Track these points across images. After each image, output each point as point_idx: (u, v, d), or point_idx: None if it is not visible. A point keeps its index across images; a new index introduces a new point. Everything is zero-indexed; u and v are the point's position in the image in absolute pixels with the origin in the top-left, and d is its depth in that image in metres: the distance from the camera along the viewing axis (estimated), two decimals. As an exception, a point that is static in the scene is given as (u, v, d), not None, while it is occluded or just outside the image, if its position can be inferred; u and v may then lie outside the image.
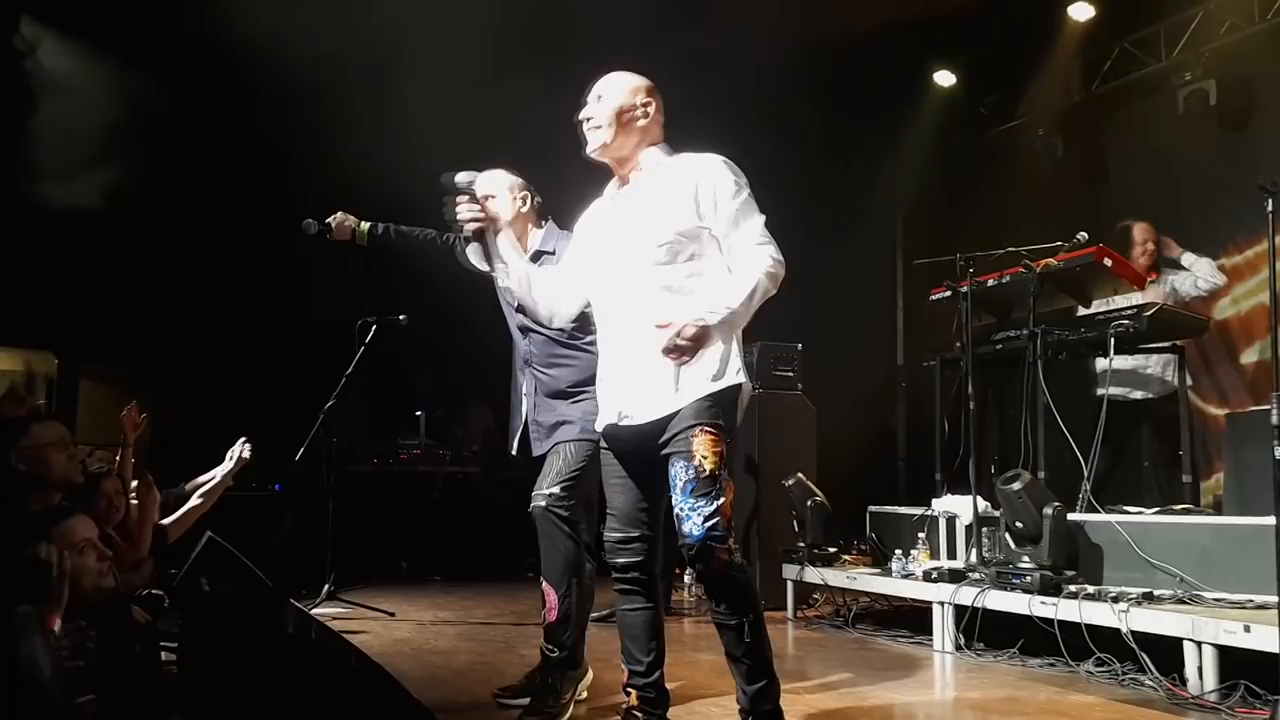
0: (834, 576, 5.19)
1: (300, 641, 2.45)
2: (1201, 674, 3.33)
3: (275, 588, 2.68)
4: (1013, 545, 4.22)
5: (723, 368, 2.62)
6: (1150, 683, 3.50)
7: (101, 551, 2.65)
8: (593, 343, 3.44)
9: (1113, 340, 4.56)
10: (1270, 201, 3.00)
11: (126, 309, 6.91)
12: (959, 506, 4.81)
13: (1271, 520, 2.94)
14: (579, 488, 3.39)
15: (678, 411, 2.59)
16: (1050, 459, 4.58)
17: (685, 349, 2.46)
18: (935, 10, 6.99)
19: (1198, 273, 5.50)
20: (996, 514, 4.44)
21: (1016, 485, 4.14)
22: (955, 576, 4.43)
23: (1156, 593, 3.80)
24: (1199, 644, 3.35)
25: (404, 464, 7.57)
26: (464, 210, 2.72)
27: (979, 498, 4.60)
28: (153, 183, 6.47)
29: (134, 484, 3.90)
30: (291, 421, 5.60)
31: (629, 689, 2.83)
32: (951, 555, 4.81)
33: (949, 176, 8.15)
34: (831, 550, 5.47)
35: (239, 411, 6.97)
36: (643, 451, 2.69)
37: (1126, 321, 4.56)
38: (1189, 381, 5.18)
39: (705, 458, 2.54)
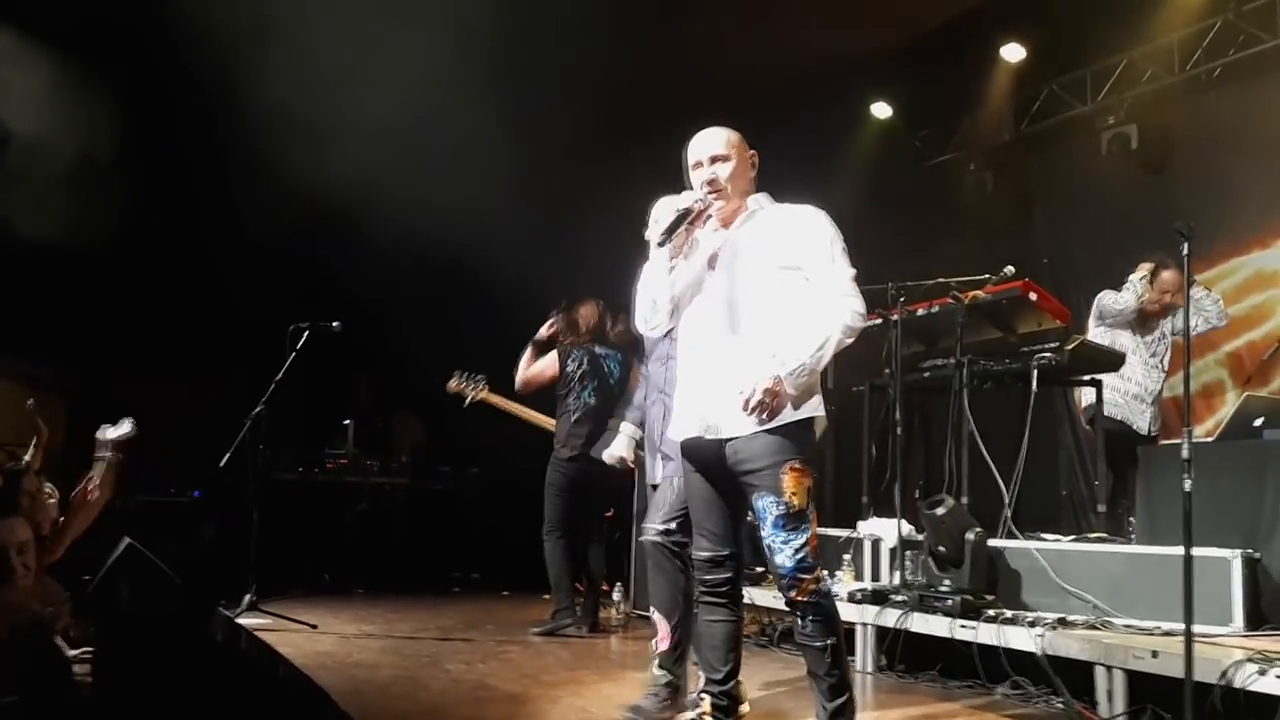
0: (761, 596, 5.23)
1: (228, 650, 2.40)
2: (1111, 697, 3.45)
3: (202, 596, 2.62)
4: (935, 569, 4.31)
5: (807, 398, 2.77)
6: (1062, 705, 3.60)
7: (33, 555, 2.59)
8: None
9: (1035, 372, 4.70)
10: (1185, 245, 3.13)
11: (42, 305, 6.70)
12: (884, 530, 4.90)
13: (1179, 550, 3.06)
14: (689, 520, 3.42)
15: (761, 435, 2.72)
16: (973, 485, 4.70)
17: (765, 405, 2.66)
18: (874, 44, 7.18)
19: (1203, 309, 5.39)
20: (920, 538, 4.53)
21: (940, 510, 4.23)
22: (879, 598, 4.51)
23: (1070, 618, 3.92)
24: (1109, 668, 3.46)
25: (330, 473, 7.46)
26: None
27: (903, 521, 4.70)
28: (77, 182, 6.31)
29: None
30: (214, 427, 5.50)
31: (704, 695, 2.95)
32: (876, 577, 4.89)
33: (882, 206, 8.30)
34: (759, 569, 5.52)
35: (160, 415, 6.81)
36: (724, 468, 2.82)
37: (1048, 354, 4.71)
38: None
39: (794, 494, 2.70)
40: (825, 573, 2.79)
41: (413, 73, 6.02)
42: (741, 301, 2.84)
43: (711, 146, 2.96)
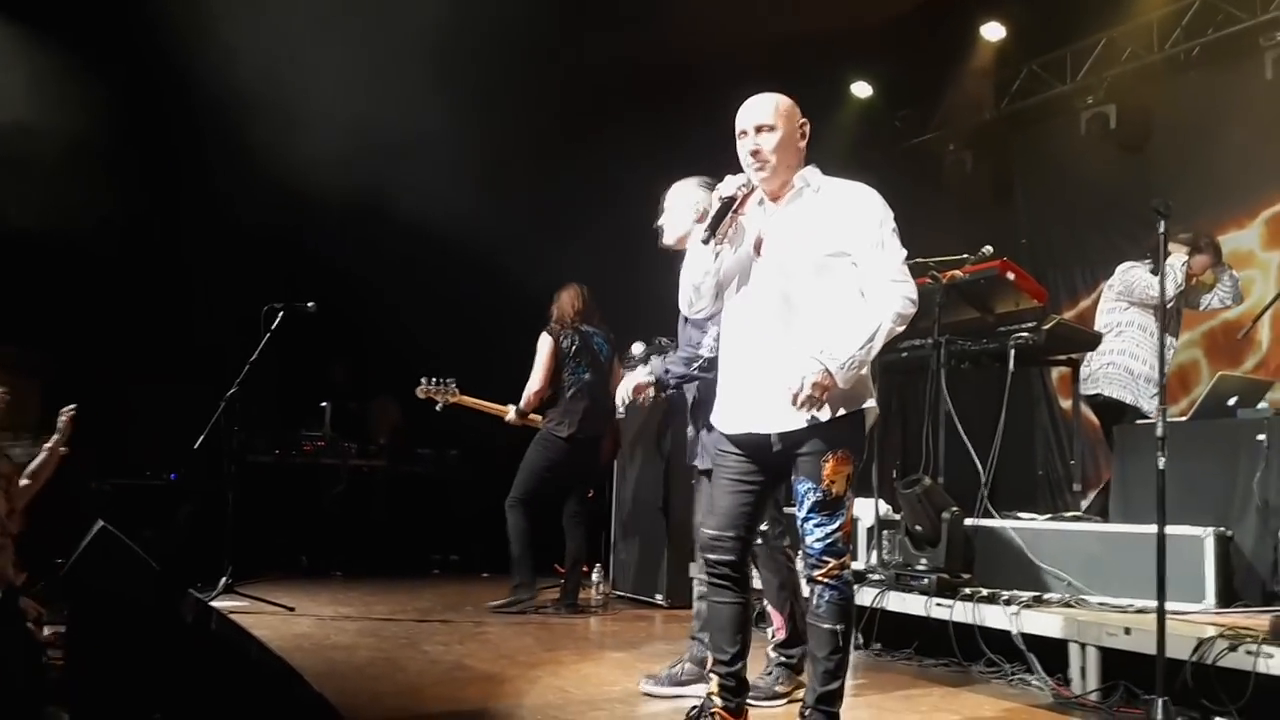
0: (739, 576, 5.25)
1: (199, 632, 2.38)
2: (1085, 674, 3.47)
3: (172, 578, 2.60)
4: (911, 548, 4.33)
5: (858, 392, 2.73)
6: (1037, 683, 3.63)
7: (3, 527, 2.58)
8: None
9: (1013, 352, 4.71)
10: (1162, 223, 3.13)
11: (18, 288, 6.62)
12: (862, 509, 4.91)
13: (1153, 528, 3.08)
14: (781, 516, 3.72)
15: (810, 430, 2.68)
16: (950, 465, 4.71)
17: (815, 400, 2.60)
18: (855, 22, 7.14)
19: (1223, 288, 5.42)
20: (897, 517, 4.55)
21: (917, 490, 4.25)
22: (856, 577, 4.51)
23: (1045, 596, 3.95)
24: (1083, 645, 3.49)
25: (307, 456, 7.42)
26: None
27: (881, 501, 4.71)
28: (54, 169, 6.23)
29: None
30: (191, 409, 5.45)
31: (711, 674, 2.94)
32: (854, 557, 4.91)
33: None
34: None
35: (135, 397, 6.77)
36: (763, 458, 2.79)
37: (1025, 334, 4.72)
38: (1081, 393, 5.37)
39: (834, 482, 2.69)
40: (851, 560, 2.78)
41: (387, 58, 5.96)
42: (790, 292, 2.74)
43: (757, 115, 2.81)
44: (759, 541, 3.47)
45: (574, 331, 5.61)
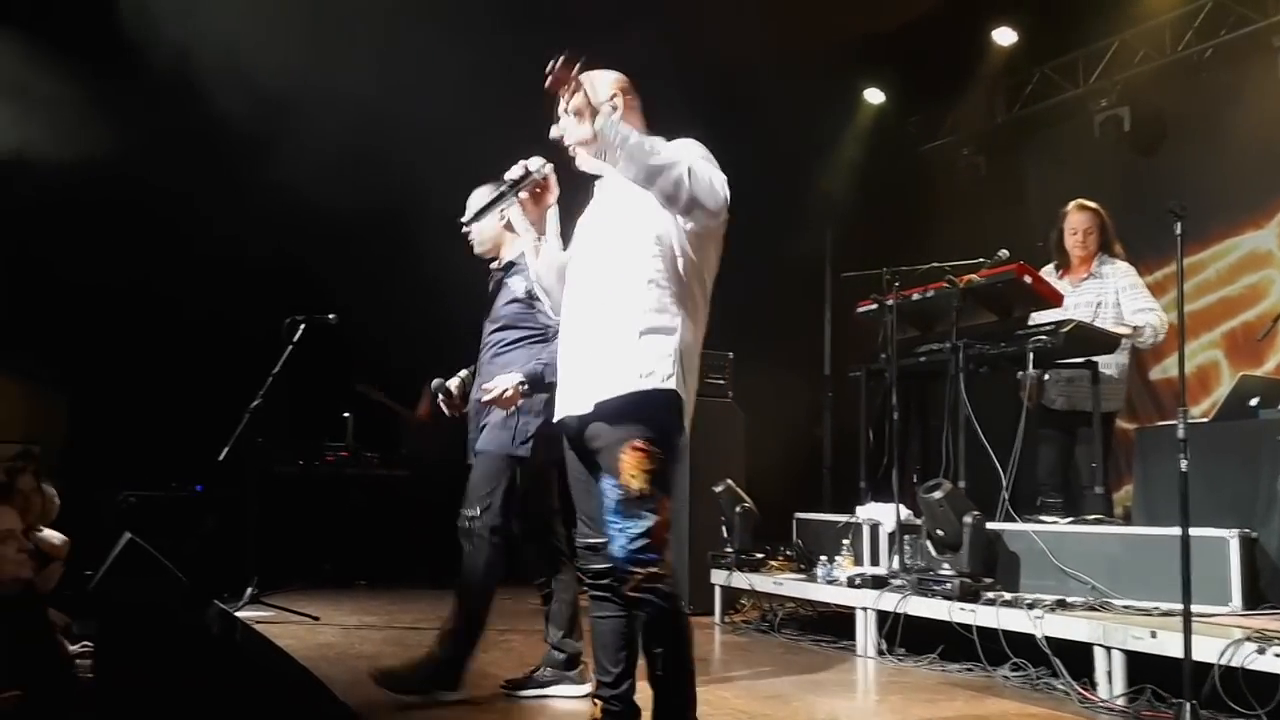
0: (761, 582, 5.26)
1: (224, 643, 2.41)
2: (1110, 678, 3.46)
3: (198, 589, 2.64)
4: (933, 553, 4.33)
5: (654, 368, 2.43)
6: (1062, 687, 3.62)
7: (22, 543, 2.62)
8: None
9: (1031, 355, 4.71)
10: (1179, 225, 3.13)
11: (37, 302, 6.69)
12: (882, 514, 4.92)
13: (1177, 531, 3.07)
14: (499, 502, 3.70)
15: (602, 409, 2.44)
16: (970, 469, 4.71)
17: (564, 80, 2.44)
18: (867, 29, 7.16)
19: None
20: (918, 522, 4.54)
21: (938, 494, 4.24)
22: (878, 583, 4.53)
23: (1069, 600, 3.94)
24: (1108, 649, 3.48)
25: (330, 466, 7.46)
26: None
27: (901, 506, 4.72)
28: (67, 169, 6.28)
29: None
30: (214, 421, 5.50)
31: (595, 699, 2.60)
32: (875, 562, 4.91)
33: (877, 192, 8.32)
34: (759, 556, 5.55)
35: (160, 410, 6.82)
36: (579, 449, 2.58)
37: (1044, 337, 4.71)
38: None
39: (634, 476, 2.37)
40: (665, 568, 2.40)
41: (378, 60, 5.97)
42: (596, 269, 2.56)
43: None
44: (463, 526, 3.62)
45: None
